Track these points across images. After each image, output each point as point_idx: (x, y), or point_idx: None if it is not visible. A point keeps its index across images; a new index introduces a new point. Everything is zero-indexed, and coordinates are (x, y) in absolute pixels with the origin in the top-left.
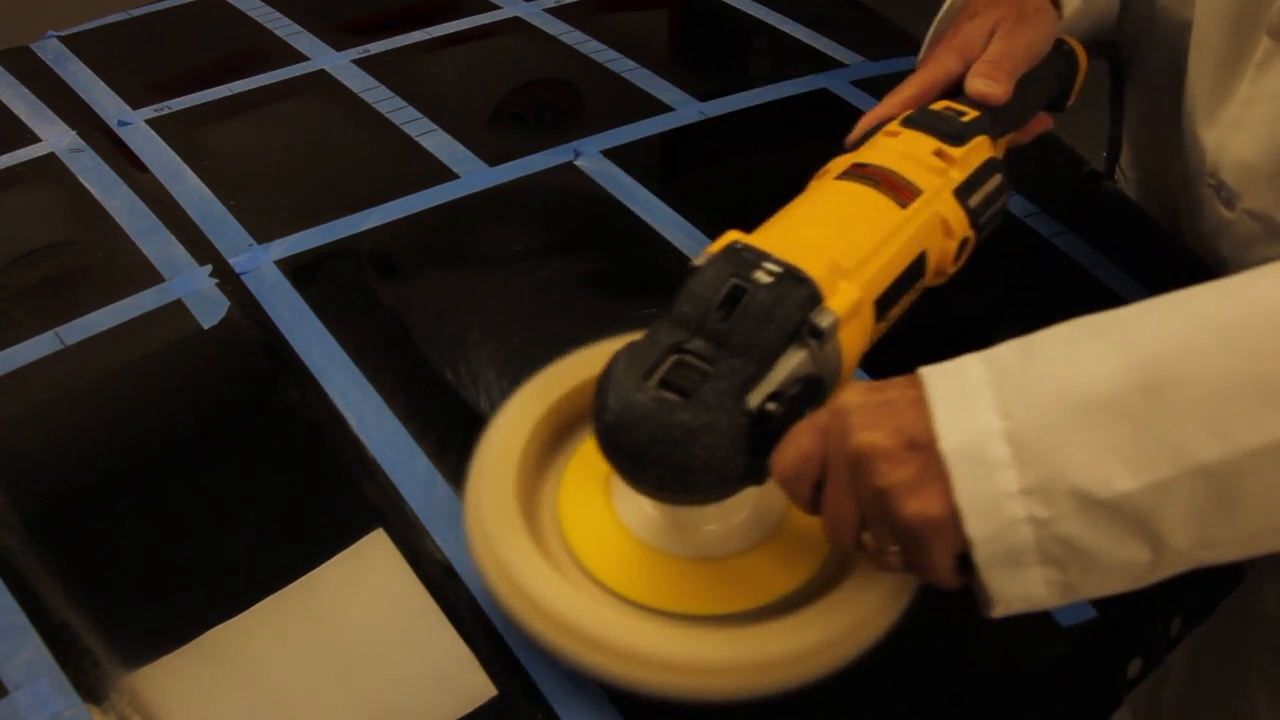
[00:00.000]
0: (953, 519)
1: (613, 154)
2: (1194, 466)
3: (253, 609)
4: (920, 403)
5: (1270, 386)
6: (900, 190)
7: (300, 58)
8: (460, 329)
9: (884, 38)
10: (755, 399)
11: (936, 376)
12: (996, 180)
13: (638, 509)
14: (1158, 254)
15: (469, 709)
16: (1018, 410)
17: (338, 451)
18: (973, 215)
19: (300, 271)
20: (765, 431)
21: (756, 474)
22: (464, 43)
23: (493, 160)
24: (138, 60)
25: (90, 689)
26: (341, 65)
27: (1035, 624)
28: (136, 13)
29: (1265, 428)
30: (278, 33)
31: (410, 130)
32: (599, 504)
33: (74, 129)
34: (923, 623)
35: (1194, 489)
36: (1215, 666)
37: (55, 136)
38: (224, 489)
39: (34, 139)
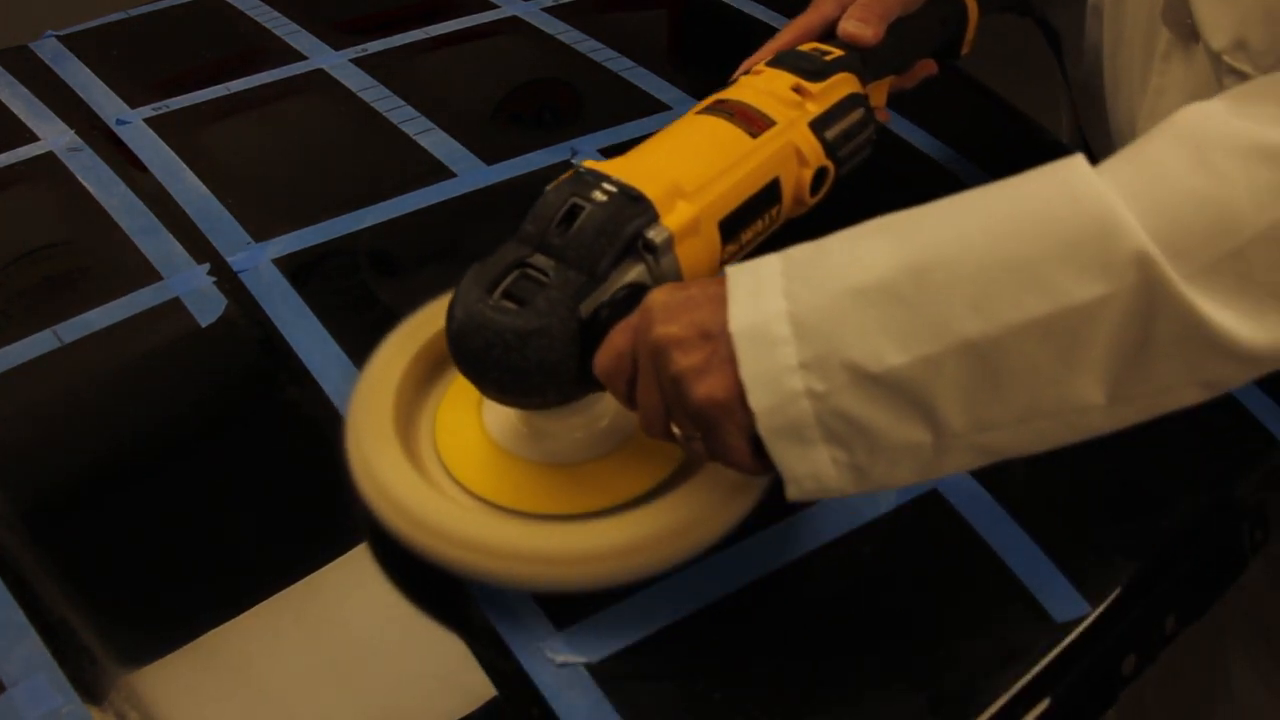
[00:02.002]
0: (739, 398)
1: (611, 153)
2: (959, 342)
3: (253, 610)
4: (719, 299)
5: (1028, 268)
6: (753, 121)
7: (298, 57)
8: None
9: None
10: (588, 307)
11: (738, 271)
12: (857, 115)
13: (503, 422)
14: None
15: (469, 709)
16: (801, 294)
17: (336, 450)
18: (829, 146)
19: (298, 270)
20: (597, 337)
21: (591, 378)
22: (462, 42)
23: (490, 159)
24: (136, 59)
25: (88, 686)
26: (340, 64)
27: (1030, 621)
28: (135, 12)
29: (1024, 306)
30: (276, 32)
31: (408, 129)
32: (472, 421)
33: (72, 128)
34: (917, 619)
35: (960, 364)
36: (1194, 636)
37: (54, 135)
38: (221, 487)
39: (32, 138)
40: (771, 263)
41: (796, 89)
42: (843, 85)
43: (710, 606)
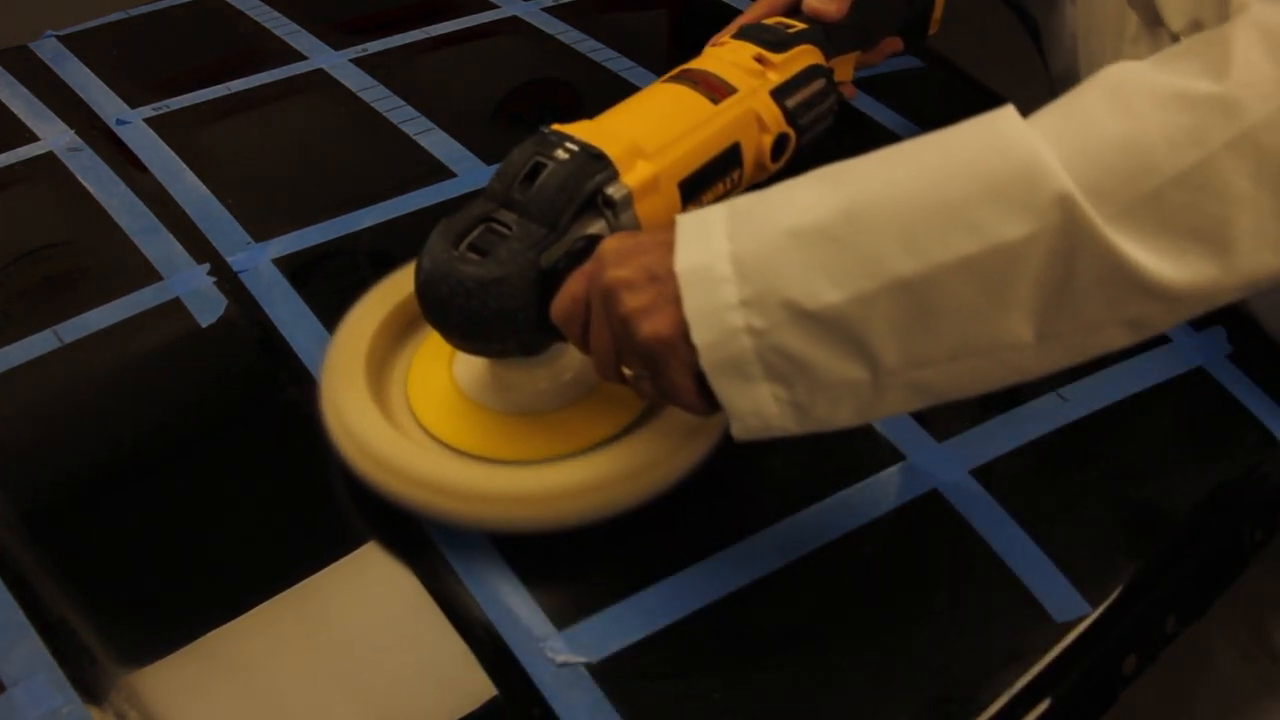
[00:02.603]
0: (683, 336)
1: None
2: (891, 280)
3: (253, 610)
4: (668, 244)
5: (956, 209)
6: (715, 89)
7: (298, 57)
8: None
9: None
10: (548, 258)
11: (686, 218)
12: (818, 85)
13: (472, 374)
14: None
15: (469, 709)
16: (742, 236)
17: (336, 450)
18: (790, 114)
19: (298, 270)
20: (555, 286)
21: (551, 326)
22: (462, 42)
23: (490, 159)
24: (136, 59)
25: (88, 686)
26: (340, 64)
27: (1030, 621)
28: (135, 12)
29: (952, 244)
30: (276, 32)
31: (408, 129)
32: (443, 374)
33: (72, 128)
34: (917, 619)
35: (893, 302)
36: None
37: (54, 135)
38: (221, 487)
39: (32, 138)
40: (718, 210)
41: (759, 59)
42: (804, 56)
43: (710, 606)
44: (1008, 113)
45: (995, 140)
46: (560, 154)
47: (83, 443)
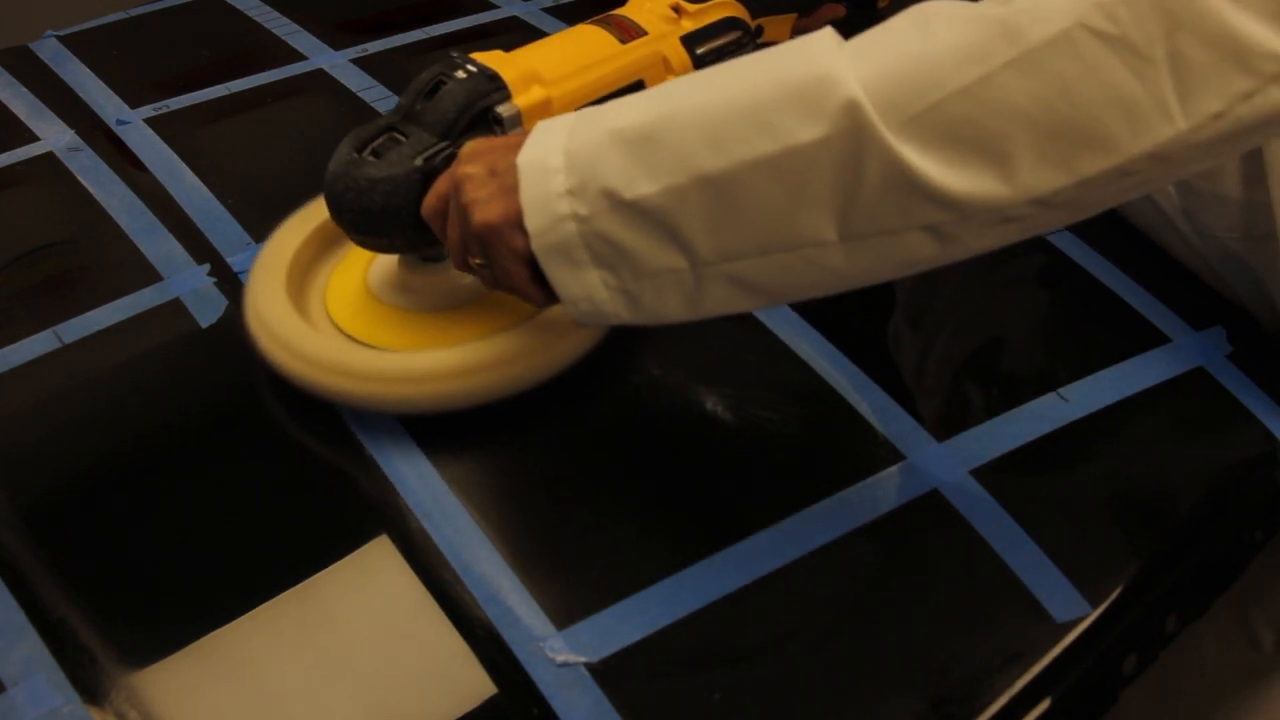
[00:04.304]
0: (512, 224)
1: None
2: (699, 175)
3: (253, 610)
4: (518, 145)
5: (758, 112)
6: (625, 30)
7: (298, 57)
8: None
9: None
10: (427, 161)
11: (543, 123)
12: (733, 36)
13: (382, 278)
14: (1150, 249)
15: (469, 708)
16: (578, 134)
17: (336, 451)
18: (699, 60)
19: None
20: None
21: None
22: (462, 42)
23: None
24: (136, 59)
25: (88, 686)
26: (340, 64)
27: (1031, 621)
28: (135, 12)
29: (753, 144)
30: (276, 32)
31: None
32: (359, 281)
33: (73, 128)
34: (917, 619)
35: (701, 195)
36: None
37: (54, 135)
38: (221, 487)
39: (32, 138)
40: (569, 116)
41: (675, 8)
42: (722, 8)
43: (710, 606)
44: (825, 32)
45: (801, 55)
46: (460, 74)
47: (83, 443)
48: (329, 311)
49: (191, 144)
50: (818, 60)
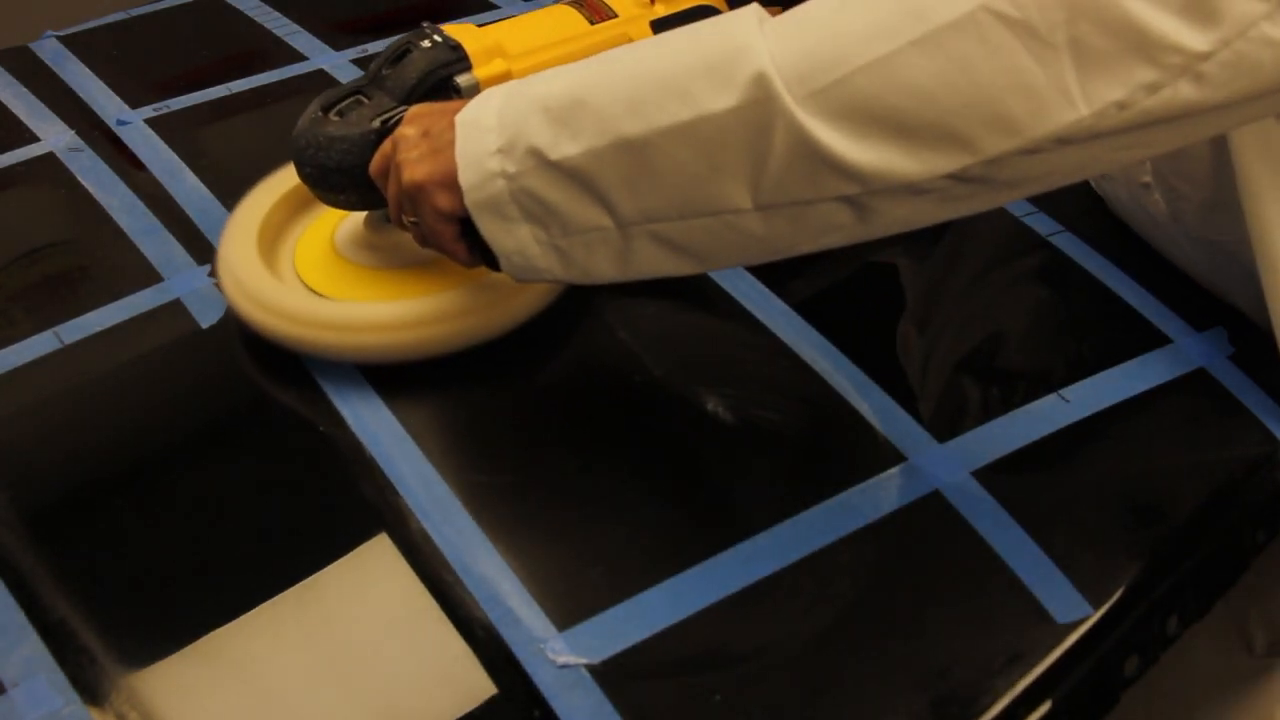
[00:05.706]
0: (439, 183)
1: None
2: (619, 139)
3: (253, 610)
4: (457, 109)
5: (675, 80)
6: (596, 11)
7: (299, 57)
8: None
9: None
10: (381, 122)
11: (490, 89)
12: None
13: (347, 237)
14: (1151, 250)
15: (469, 709)
16: (512, 97)
17: (337, 451)
18: None
19: None
20: None
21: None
22: None
23: None
24: (136, 60)
25: (88, 687)
26: (340, 65)
27: (1032, 622)
28: (135, 13)
29: (669, 111)
30: (276, 32)
31: None
32: (327, 240)
33: (73, 128)
34: (918, 620)
35: (621, 158)
36: None
37: (54, 136)
38: (221, 488)
39: (33, 138)
40: (511, 82)
41: None
42: None
43: (710, 607)
44: (750, 8)
45: (720, 29)
46: (425, 43)
47: (83, 443)
48: (296, 268)
49: (191, 144)
50: (735, 33)
